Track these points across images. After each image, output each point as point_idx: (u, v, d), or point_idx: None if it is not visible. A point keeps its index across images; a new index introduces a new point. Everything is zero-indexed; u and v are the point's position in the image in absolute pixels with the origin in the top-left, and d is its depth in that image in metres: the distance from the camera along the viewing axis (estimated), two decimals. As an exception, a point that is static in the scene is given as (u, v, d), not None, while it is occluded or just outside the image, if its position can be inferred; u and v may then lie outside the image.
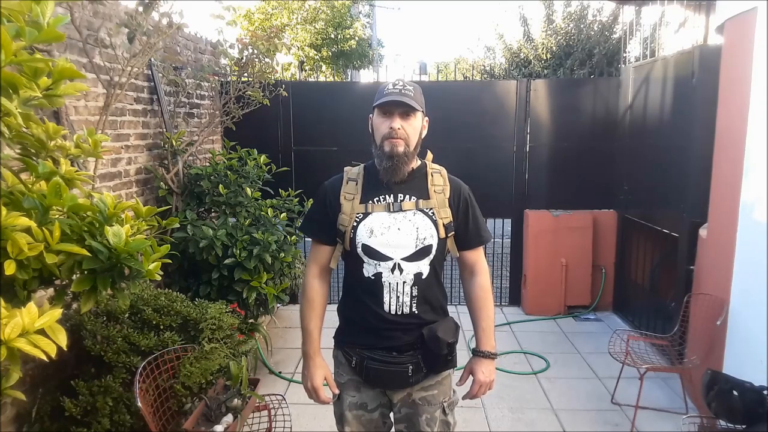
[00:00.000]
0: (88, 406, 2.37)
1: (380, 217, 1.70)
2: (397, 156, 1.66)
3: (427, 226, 1.70)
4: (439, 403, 1.79)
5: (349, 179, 1.78)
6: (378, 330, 1.74)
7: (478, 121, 4.97)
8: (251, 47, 4.06)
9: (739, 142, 2.84)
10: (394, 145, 1.66)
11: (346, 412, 1.81)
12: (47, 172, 1.30)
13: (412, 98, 1.67)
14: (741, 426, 2.24)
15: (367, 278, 1.72)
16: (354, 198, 1.73)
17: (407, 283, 1.71)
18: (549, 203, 4.99)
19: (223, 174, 3.72)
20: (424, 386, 1.78)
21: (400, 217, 1.70)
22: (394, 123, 1.66)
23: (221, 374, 2.53)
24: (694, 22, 5.07)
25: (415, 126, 1.70)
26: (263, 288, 3.44)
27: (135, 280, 1.38)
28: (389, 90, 1.69)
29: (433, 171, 1.78)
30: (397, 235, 1.69)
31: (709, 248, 3.26)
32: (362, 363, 1.75)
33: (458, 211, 1.76)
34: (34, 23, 1.17)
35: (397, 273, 1.70)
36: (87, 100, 2.94)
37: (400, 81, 1.72)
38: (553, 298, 4.97)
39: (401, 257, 1.69)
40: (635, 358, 3.25)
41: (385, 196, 1.72)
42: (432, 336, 1.70)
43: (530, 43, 10.23)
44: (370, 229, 1.70)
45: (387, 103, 1.66)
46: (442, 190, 1.75)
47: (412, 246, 1.69)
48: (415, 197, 1.72)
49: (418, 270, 1.71)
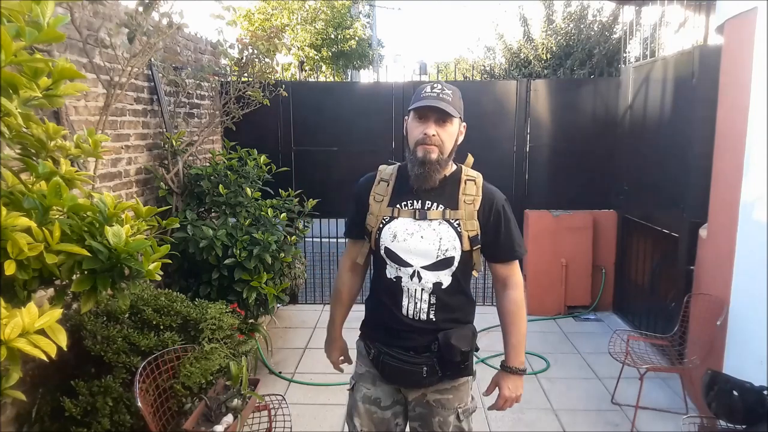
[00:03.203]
0: (88, 406, 2.37)
1: (405, 222, 1.68)
2: (429, 163, 1.62)
3: (450, 237, 1.65)
4: (453, 408, 1.76)
5: (381, 179, 1.76)
6: (395, 330, 1.73)
7: (478, 121, 4.94)
8: (251, 47, 4.06)
9: (739, 142, 2.84)
10: (428, 152, 1.61)
11: (359, 404, 1.81)
12: (47, 172, 1.30)
13: (450, 103, 1.62)
14: (741, 426, 2.24)
15: (388, 279, 1.72)
16: (383, 200, 1.72)
17: (425, 291, 1.68)
18: (549, 203, 4.99)
19: (223, 174, 3.72)
20: (439, 389, 1.75)
21: (425, 225, 1.66)
22: (428, 129, 1.61)
23: (221, 374, 2.53)
24: (694, 22, 5.07)
25: (450, 132, 1.65)
26: (263, 288, 3.44)
27: (135, 280, 1.38)
28: (426, 93, 1.63)
29: (468, 178, 1.71)
30: (419, 243, 1.65)
31: (709, 248, 3.26)
32: (379, 357, 1.75)
33: (488, 223, 1.68)
34: (34, 23, 1.17)
35: (416, 280, 1.68)
36: (87, 100, 2.93)
37: (438, 84, 1.67)
38: (553, 298, 4.97)
39: (421, 266, 1.66)
40: (635, 358, 3.25)
41: (414, 201, 1.69)
42: (446, 342, 1.66)
43: (530, 43, 10.22)
44: (393, 233, 1.68)
45: (423, 107, 1.62)
46: (473, 200, 1.67)
47: (434, 256, 1.65)
48: (443, 206, 1.67)
49: (437, 280, 1.68)
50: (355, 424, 1.82)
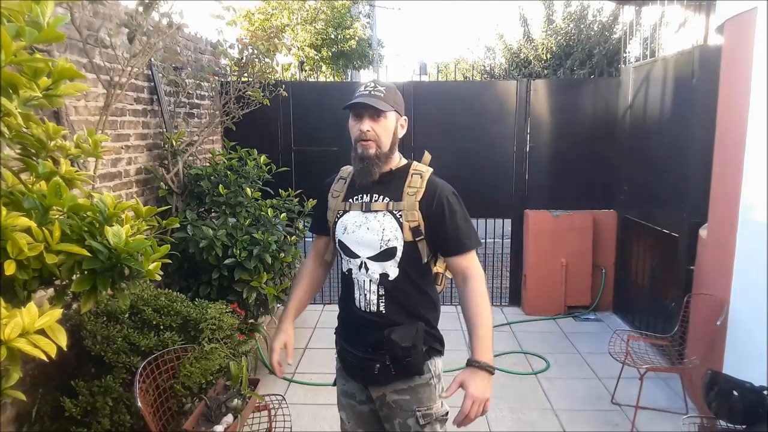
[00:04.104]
0: (88, 406, 2.37)
1: (354, 215, 1.75)
2: (368, 158, 1.68)
3: (392, 228, 1.69)
4: (411, 410, 1.72)
5: (340, 177, 1.86)
6: (354, 325, 1.79)
7: (478, 121, 4.97)
8: (251, 47, 4.06)
9: (739, 142, 2.84)
10: (365, 148, 1.68)
11: (341, 397, 1.89)
12: (47, 172, 1.31)
13: (382, 99, 1.66)
14: (741, 426, 2.24)
15: (343, 273, 1.81)
16: (339, 196, 1.81)
17: (373, 282, 1.72)
18: (549, 203, 4.99)
19: (223, 174, 3.72)
20: (397, 389, 1.73)
21: (371, 216, 1.71)
22: (363, 125, 1.67)
23: (221, 374, 2.53)
24: (694, 23, 5.07)
25: (386, 127, 1.69)
26: (263, 288, 3.44)
27: (135, 280, 1.38)
28: (360, 92, 1.69)
29: (415, 172, 1.74)
30: (365, 234, 1.71)
31: (709, 248, 3.26)
32: (342, 353, 1.82)
33: (431, 214, 1.68)
34: (34, 23, 1.17)
35: (363, 271, 1.73)
36: (87, 100, 2.94)
37: (372, 82, 1.73)
38: (553, 298, 4.97)
39: (367, 256, 1.72)
40: (635, 359, 3.25)
41: (364, 195, 1.75)
42: (387, 337, 1.68)
43: (530, 43, 10.23)
44: (344, 226, 1.75)
45: (354, 105, 1.68)
46: (416, 192, 1.69)
47: (377, 247, 1.70)
48: (388, 198, 1.71)
49: (383, 271, 1.71)
50: (342, 417, 1.89)
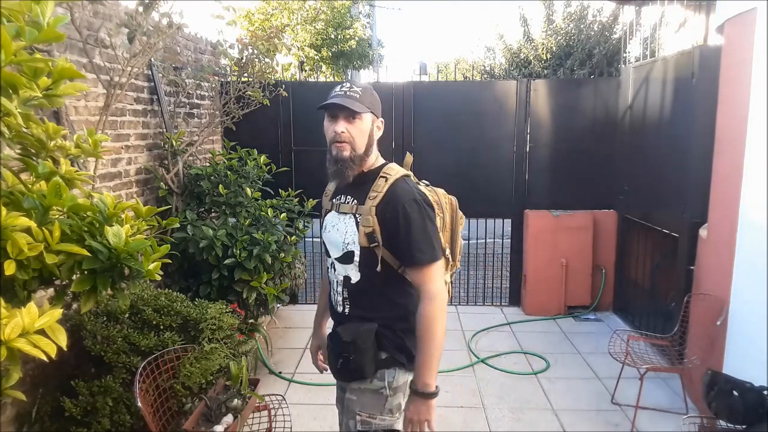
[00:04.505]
0: (88, 406, 2.37)
1: (332, 216, 1.78)
2: (342, 160, 1.64)
3: (352, 231, 1.68)
4: (353, 412, 1.70)
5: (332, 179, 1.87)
6: (335, 323, 1.83)
7: (478, 121, 4.97)
8: (251, 47, 4.06)
9: (739, 142, 2.84)
10: (340, 150, 1.64)
11: (337, 390, 1.90)
12: (47, 172, 1.31)
13: (358, 100, 1.62)
14: (741, 426, 2.24)
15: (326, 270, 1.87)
16: (328, 195, 1.85)
17: (339, 284, 1.76)
18: (549, 203, 4.99)
19: (223, 174, 3.72)
20: (351, 388, 1.72)
21: (341, 218, 1.73)
22: (338, 127, 1.63)
23: (221, 374, 2.53)
24: (694, 23, 5.07)
25: (361, 128, 1.66)
26: (263, 288, 3.45)
27: (135, 280, 1.38)
28: (335, 92, 1.65)
29: (383, 175, 1.67)
30: (335, 235, 1.73)
31: (709, 248, 3.26)
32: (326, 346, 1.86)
33: (386, 221, 1.61)
34: (34, 23, 1.17)
35: (332, 271, 1.78)
36: (87, 100, 2.94)
37: (347, 83, 1.68)
38: (553, 299, 4.97)
39: (335, 257, 1.75)
40: (635, 359, 3.25)
41: (342, 196, 1.76)
42: (333, 331, 1.74)
43: (530, 43, 10.22)
44: (325, 225, 1.80)
45: (328, 105, 1.64)
46: (375, 197, 1.63)
47: (340, 249, 1.71)
48: (355, 201, 1.69)
49: (346, 273, 1.72)
50: (338, 409, 1.89)
